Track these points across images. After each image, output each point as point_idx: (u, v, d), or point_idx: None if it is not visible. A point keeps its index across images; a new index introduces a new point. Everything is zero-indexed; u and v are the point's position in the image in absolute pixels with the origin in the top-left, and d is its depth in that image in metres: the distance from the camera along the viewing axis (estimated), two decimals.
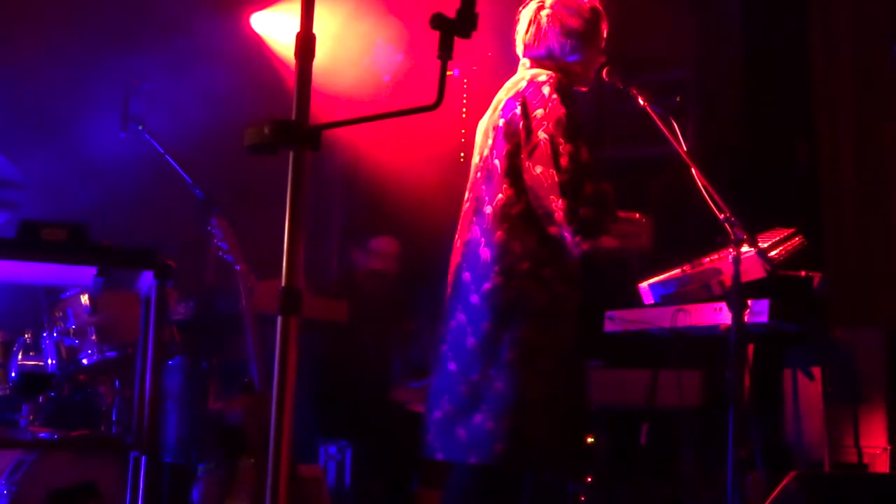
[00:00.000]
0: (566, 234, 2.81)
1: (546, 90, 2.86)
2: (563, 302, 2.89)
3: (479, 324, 2.84)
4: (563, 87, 2.89)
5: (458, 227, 3.04)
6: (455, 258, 3.00)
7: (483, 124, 3.09)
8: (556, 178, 2.78)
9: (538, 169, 2.81)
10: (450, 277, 3.00)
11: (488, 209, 2.91)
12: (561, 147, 2.79)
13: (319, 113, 1.91)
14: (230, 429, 3.86)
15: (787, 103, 5.65)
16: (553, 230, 2.83)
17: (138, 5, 5.38)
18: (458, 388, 2.85)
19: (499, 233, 2.87)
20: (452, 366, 2.88)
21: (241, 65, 5.58)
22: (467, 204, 3.03)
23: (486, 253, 2.87)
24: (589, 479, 4.37)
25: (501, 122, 2.92)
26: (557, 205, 2.78)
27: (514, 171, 2.87)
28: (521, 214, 2.86)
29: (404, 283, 5.43)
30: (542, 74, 2.93)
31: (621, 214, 2.94)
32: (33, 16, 5.12)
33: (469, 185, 3.06)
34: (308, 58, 1.83)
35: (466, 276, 2.91)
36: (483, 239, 2.89)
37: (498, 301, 2.83)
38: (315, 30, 1.83)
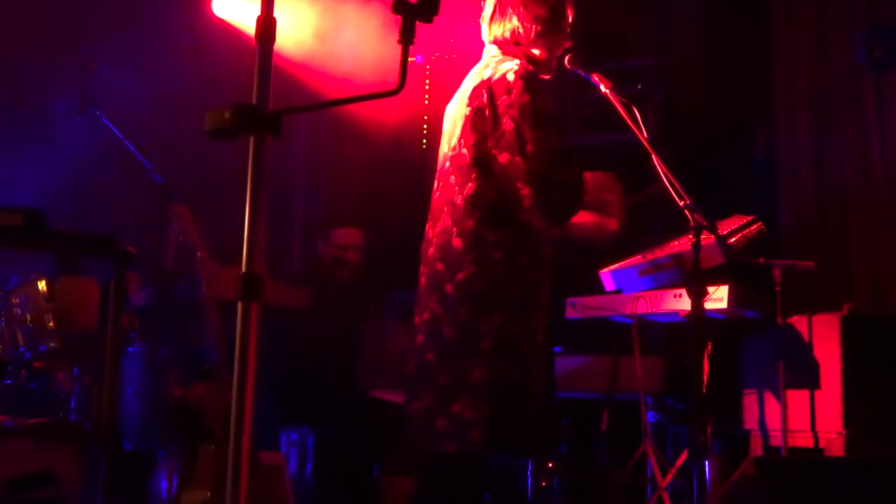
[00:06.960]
0: (534, 221, 2.82)
1: (511, 77, 2.85)
2: (535, 289, 2.91)
3: (455, 314, 2.84)
4: (529, 75, 2.89)
5: (429, 216, 3.03)
6: (427, 248, 2.99)
7: (450, 112, 3.07)
8: (523, 166, 2.78)
9: (505, 157, 2.81)
10: (423, 268, 2.99)
11: (459, 199, 2.89)
12: (527, 134, 2.79)
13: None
14: (191, 416, 3.83)
15: (748, 91, 5.70)
16: (523, 217, 2.83)
17: None
18: (439, 378, 2.85)
19: (470, 222, 2.86)
20: (431, 356, 2.88)
21: (204, 49, 5.52)
22: (437, 193, 3.01)
23: (458, 242, 2.87)
24: (550, 465, 4.39)
25: (468, 110, 2.91)
26: (525, 192, 2.79)
27: (482, 160, 2.87)
28: (492, 203, 2.86)
29: (369, 271, 5.42)
30: (507, 62, 2.92)
31: (591, 175, 2.94)
32: None
33: (438, 173, 3.04)
34: (269, 41, 1.81)
35: (440, 266, 2.90)
36: (455, 228, 2.89)
37: (473, 290, 2.83)
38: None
